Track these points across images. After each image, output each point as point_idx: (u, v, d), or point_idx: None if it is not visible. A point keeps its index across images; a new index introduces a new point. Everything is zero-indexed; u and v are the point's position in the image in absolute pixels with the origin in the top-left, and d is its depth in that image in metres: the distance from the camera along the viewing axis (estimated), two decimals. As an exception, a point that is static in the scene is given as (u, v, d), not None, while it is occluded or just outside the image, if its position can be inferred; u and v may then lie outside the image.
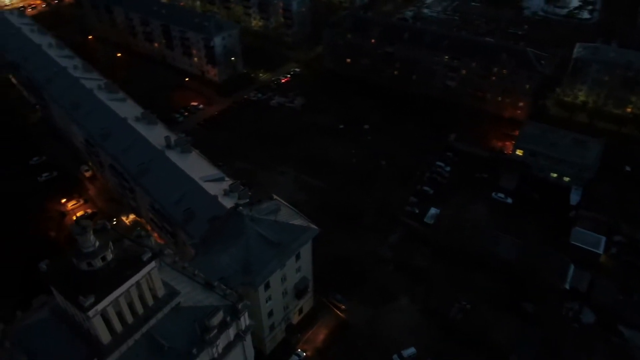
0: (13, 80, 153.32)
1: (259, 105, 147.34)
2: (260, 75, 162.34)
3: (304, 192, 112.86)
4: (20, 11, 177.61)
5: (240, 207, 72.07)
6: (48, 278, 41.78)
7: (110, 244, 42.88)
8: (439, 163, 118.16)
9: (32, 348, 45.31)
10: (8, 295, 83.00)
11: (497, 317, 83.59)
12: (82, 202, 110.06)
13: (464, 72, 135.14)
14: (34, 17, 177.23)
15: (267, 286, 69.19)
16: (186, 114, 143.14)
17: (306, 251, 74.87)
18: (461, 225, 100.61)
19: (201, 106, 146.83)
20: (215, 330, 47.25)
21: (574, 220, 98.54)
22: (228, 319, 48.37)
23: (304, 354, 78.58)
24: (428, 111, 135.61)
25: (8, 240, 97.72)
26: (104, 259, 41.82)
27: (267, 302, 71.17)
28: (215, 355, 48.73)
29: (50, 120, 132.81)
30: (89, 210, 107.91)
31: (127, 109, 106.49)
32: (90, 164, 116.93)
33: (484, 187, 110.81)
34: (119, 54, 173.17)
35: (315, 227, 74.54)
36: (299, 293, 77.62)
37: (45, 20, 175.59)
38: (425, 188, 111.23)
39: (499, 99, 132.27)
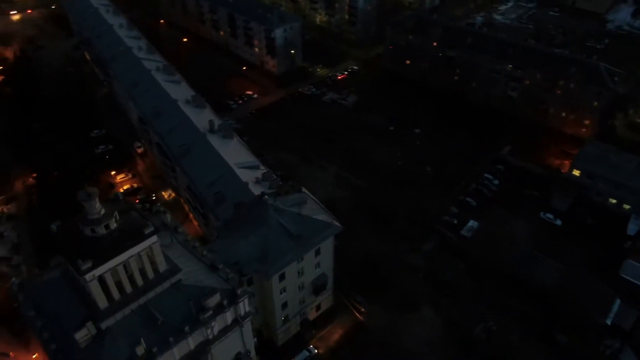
0: (87, 56, 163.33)
1: (312, 100, 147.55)
2: (318, 70, 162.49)
3: (343, 189, 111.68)
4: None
5: (266, 196, 72.12)
6: (55, 239, 43.76)
7: (116, 214, 44.16)
8: (487, 175, 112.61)
9: (39, 304, 47.77)
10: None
11: (524, 343, 78.36)
12: (130, 176, 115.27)
13: (527, 82, 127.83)
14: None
15: (282, 277, 68.79)
16: (240, 101, 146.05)
17: (327, 248, 73.68)
18: (500, 241, 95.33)
19: (255, 95, 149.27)
20: (211, 312, 47.45)
21: (628, 252, 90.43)
22: (225, 302, 48.40)
23: (316, 350, 77.62)
24: (484, 120, 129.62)
25: (60, 207, 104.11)
26: (107, 227, 43.13)
27: (281, 293, 70.79)
28: (210, 336, 48.97)
29: (113, 96, 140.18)
30: (135, 185, 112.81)
31: (180, 91, 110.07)
32: (142, 141, 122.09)
33: (532, 206, 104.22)
34: (185, 39, 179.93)
35: (339, 224, 73.13)
36: (317, 289, 76.66)
37: (122, 2, 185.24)
38: (469, 199, 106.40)
39: (563, 114, 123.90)
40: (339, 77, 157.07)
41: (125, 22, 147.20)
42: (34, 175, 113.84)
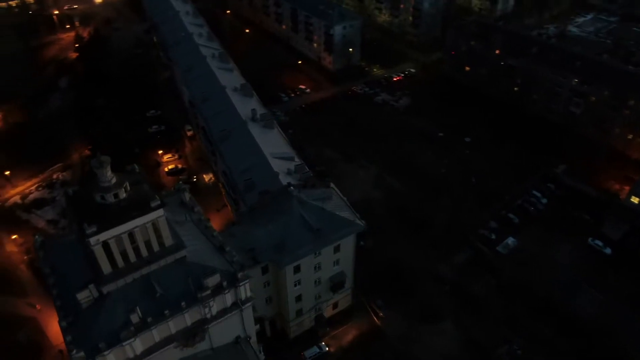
0: (155, 40, 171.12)
1: (364, 99, 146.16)
2: (375, 70, 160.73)
3: (381, 191, 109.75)
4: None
5: (292, 187, 72.09)
6: (69, 202, 45.92)
7: (127, 184, 45.61)
8: (535, 192, 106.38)
9: (55, 262, 50.37)
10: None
11: (549, 374, 73.44)
12: (176, 156, 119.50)
13: (592, 99, 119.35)
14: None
15: (297, 269, 68.46)
16: (292, 95, 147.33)
17: (348, 246, 72.48)
18: (539, 263, 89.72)
19: (308, 90, 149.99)
20: (209, 291, 47.91)
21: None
22: (225, 283, 48.69)
23: (327, 348, 76.70)
24: (540, 135, 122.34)
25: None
26: (116, 196, 44.65)
27: (295, 285, 70.49)
28: (207, 315, 49.49)
29: (173, 80, 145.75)
30: (179, 165, 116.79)
31: (230, 79, 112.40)
32: (192, 124, 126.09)
33: (581, 230, 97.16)
34: (247, 30, 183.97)
35: (362, 223, 71.70)
36: (334, 287, 75.65)
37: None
38: (511, 215, 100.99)
39: (629, 136, 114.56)
40: (395, 79, 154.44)
41: (192, 10, 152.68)
42: (90, 147, 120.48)
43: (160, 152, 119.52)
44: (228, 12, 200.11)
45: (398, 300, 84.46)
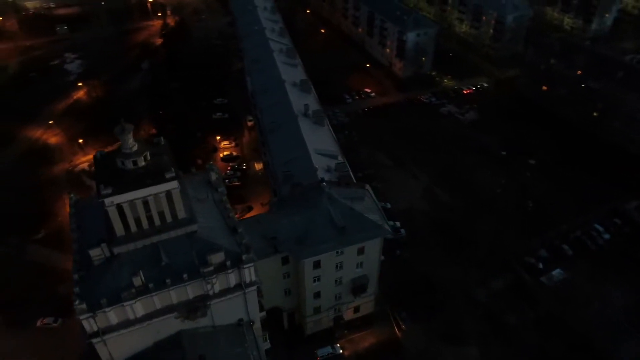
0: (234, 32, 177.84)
1: (428, 108, 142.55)
2: (445, 81, 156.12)
3: (428, 202, 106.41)
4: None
5: (324, 183, 71.72)
6: (96, 163, 48.90)
7: (147, 154, 47.69)
8: (597, 226, 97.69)
9: (81, 221, 53.78)
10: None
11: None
12: (233, 144, 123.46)
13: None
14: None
15: (317, 265, 67.93)
16: (356, 97, 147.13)
17: (373, 249, 70.72)
18: (586, 302, 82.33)
19: (373, 94, 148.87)
20: (212, 268, 48.78)
21: None
22: (228, 263, 49.36)
23: (340, 350, 75.45)
24: (614, 166, 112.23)
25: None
26: (135, 163, 46.81)
27: (314, 281, 69.98)
28: (210, 292, 50.38)
29: (243, 71, 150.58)
30: (234, 153, 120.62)
31: (292, 74, 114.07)
32: (253, 114, 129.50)
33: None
34: (322, 30, 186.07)
35: (389, 229, 69.77)
36: (356, 289, 74.11)
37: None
38: (565, 246, 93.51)
39: None
40: (465, 92, 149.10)
41: (270, 6, 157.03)
42: (156, 126, 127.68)
43: (218, 138, 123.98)
44: (308, 11, 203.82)
45: (424, 315, 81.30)
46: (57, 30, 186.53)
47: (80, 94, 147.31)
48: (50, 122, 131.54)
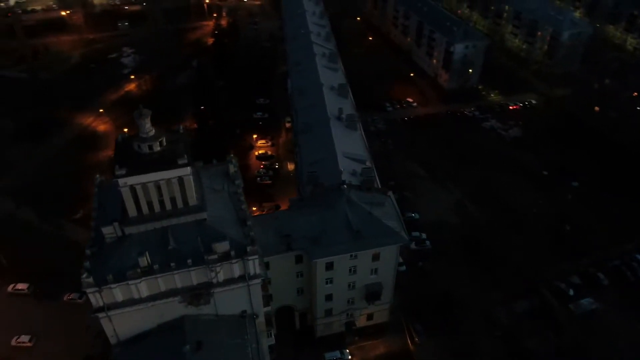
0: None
1: (470, 122, 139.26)
2: (492, 95, 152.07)
3: (458, 216, 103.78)
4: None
5: (345, 186, 71.51)
6: (116, 146, 51.11)
7: (163, 139, 49.34)
8: (639, 257, 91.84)
9: (102, 200, 56.24)
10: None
11: None
12: (269, 144, 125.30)
13: None
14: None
15: (329, 266, 67.65)
16: (397, 106, 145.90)
17: (389, 256, 69.60)
18: (615, 336, 77.27)
19: (415, 104, 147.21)
20: (216, 256, 49.64)
21: None
22: (233, 253, 50.09)
23: (349, 357, 74.52)
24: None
25: (203, 151, 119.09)
26: (150, 147, 48.54)
27: (326, 282, 69.70)
28: (214, 281, 51.27)
29: (287, 73, 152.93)
30: (269, 152, 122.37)
31: (332, 78, 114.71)
32: (291, 116, 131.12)
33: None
34: (370, 38, 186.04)
35: (406, 237, 68.51)
36: (369, 296, 73.10)
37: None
38: (600, 275, 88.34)
39: None
40: (510, 107, 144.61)
41: (319, 11, 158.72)
42: (197, 121, 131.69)
43: (255, 136, 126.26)
44: (358, 18, 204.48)
45: (440, 330, 78.98)
46: (119, 26, 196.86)
47: (132, 86, 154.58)
48: (101, 110, 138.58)
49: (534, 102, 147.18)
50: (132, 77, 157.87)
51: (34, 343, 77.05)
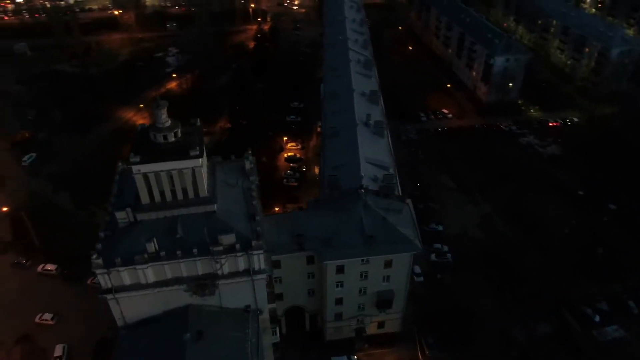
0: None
1: (507, 137, 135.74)
2: (532, 110, 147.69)
3: (484, 231, 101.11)
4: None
5: (362, 190, 71.21)
6: (136, 135, 53.15)
7: (178, 130, 50.86)
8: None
9: (122, 187, 58.48)
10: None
11: None
12: (299, 147, 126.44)
13: None
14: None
15: (340, 269, 67.41)
16: (432, 117, 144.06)
17: (402, 264, 68.65)
18: (642, 367, 72.96)
19: (450, 115, 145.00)
20: (222, 248, 50.52)
21: None
22: (238, 246, 50.83)
23: (356, 363, 73.84)
24: None
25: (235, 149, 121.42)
26: (165, 137, 50.17)
27: (337, 286, 69.43)
28: (219, 272, 52.13)
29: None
30: (298, 155, 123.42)
31: (364, 84, 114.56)
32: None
33: None
34: (410, 47, 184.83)
35: (420, 246, 67.39)
36: (380, 303, 72.25)
37: (374, 6, 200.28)
38: (631, 303, 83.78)
39: None
40: (550, 124, 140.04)
41: (360, 19, 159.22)
42: (230, 121, 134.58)
43: (285, 138, 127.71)
44: (400, 27, 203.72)
45: (453, 345, 76.87)
46: (167, 27, 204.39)
47: (173, 84, 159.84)
48: (141, 105, 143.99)
49: (575, 119, 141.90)
50: (174, 75, 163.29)
51: (55, 322, 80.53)
